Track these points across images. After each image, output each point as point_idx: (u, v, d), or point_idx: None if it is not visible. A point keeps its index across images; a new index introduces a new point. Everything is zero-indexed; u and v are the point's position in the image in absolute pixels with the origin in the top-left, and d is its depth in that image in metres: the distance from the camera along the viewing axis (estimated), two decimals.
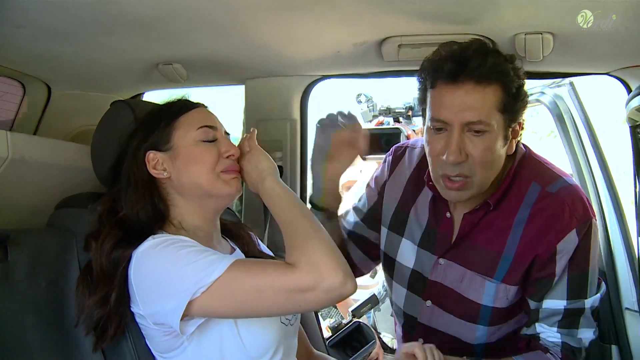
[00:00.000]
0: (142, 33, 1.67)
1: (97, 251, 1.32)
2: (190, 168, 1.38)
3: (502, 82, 1.38)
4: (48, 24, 1.54)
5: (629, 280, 2.15)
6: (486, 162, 1.41)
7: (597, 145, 2.34)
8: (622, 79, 1.85)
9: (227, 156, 1.40)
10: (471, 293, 1.54)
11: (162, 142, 1.40)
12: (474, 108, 1.37)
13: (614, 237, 2.25)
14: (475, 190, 1.46)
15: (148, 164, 1.39)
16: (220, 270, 1.19)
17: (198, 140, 1.39)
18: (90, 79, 2.18)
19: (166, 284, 1.23)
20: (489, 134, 1.39)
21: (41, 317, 1.39)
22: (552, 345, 1.47)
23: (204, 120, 1.42)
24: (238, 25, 1.65)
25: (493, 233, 1.51)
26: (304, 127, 2.34)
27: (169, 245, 1.26)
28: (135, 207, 1.36)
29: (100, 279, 1.31)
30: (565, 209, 1.44)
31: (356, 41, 1.78)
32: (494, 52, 1.42)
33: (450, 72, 1.38)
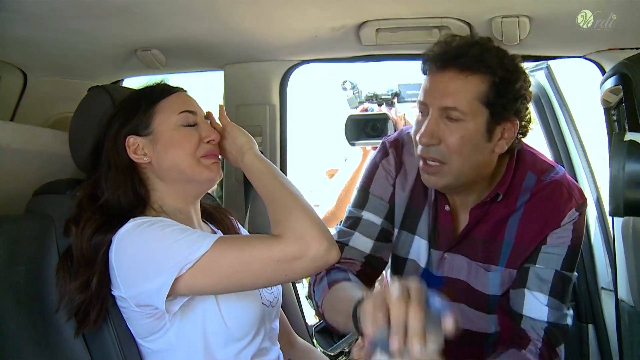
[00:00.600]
0: (120, 17, 1.66)
1: (78, 236, 1.32)
2: (171, 152, 1.39)
3: (485, 74, 1.38)
4: (22, 7, 1.52)
5: (604, 260, 2.18)
6: (460, 151, 1.40)
7: (574, 128, 2.36)
8: (597, 62, 1.87)
9: (208, 141, 1.41)
10: (477, 284, 1.55)
11: (142, 127, 1.40)
12: (453, 94, 1.38)
13: (590, 219, 2.28)
14: (452, 179, 1.45)
15: (128, 148, 1.39)
16: (206, 246, 1.20)
17: (179, 124, 1.40)
18: (67, 66, 2.15)
19: (150, 263, 1.24)
20: (465, 123, 1.39)
21: (20, 304, 1.38)
22: (533, 329, 1.42)
23: (185, 105, 1.42)
24: (217, 10, 1.65)
25: (494, 223, 1.52)
26: (284, 112, 2.33)
27: (151, 225, 1.27)
28: (116, 192, 1.36)
29: (81, 264, 1.31)
30: (564, 190, 1.47)
31: (334, 25, 1.78)
32: (483, 43, 1.42)
33: (437, 59, 1.41)
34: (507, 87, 1.39)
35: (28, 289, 1.40)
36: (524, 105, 1.43)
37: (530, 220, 1.48)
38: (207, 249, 1.20)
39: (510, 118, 1.42)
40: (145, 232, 1.26)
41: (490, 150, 1.44)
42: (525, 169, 1.52)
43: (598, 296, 2.21)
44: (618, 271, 1.59)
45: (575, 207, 1.46)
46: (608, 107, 1.59)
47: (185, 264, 1.19)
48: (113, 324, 1.39)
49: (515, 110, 1.42)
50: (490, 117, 1.40)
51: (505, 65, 1.39)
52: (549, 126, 2.39)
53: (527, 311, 1.43)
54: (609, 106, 1.58)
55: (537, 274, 1.45)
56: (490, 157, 1.47)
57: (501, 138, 1.43)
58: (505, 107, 1.40)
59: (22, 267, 1.41)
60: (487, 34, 1.67)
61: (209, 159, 1.41)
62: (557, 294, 1.43)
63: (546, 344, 1.39)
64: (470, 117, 1.38)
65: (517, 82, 1.40)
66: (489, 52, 1.40)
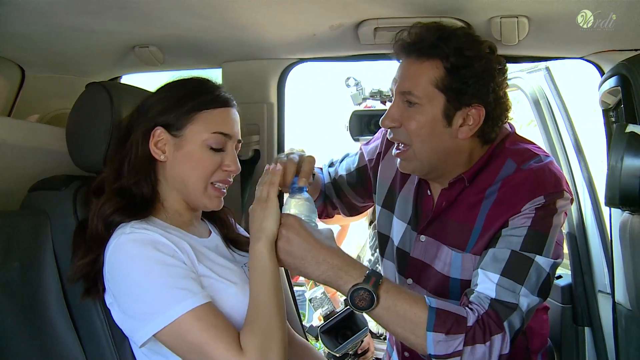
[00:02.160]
0: (118, 14, 1.66)
1: (96, 212, 1.33)
2: (186, 167, 1.37)
3: (439, 59, 1.43)
4: (21, 3, 1.52)
5: (602, 263, 2.18)
6: (419, 134, 1.47)
7: (573, 131, 2.36)
8: (596, 63, 1.87)
9: (225, 170, 1.39)
10: (441, 265, 1.56)
11: (175, 127, 1.37)
12: (409, 79, 1.47)
13: (588, 222, 2.28)
14: (418, 163, 1.52)
15: (152, 137, 1.37)
16: (181, 310, 1.18)
17: (206, 144, 1.36)
18: (65, 62, 2.15)
19: (132, 303, 1.23)
20: (421, 107, 1.46)
21: (14, 300, 1.38)
22: (478, 301, 1.37)
23: (222, 126, 1.38)
24: (215, 7, 1.64)
25: (466, 208, 1.54)
26: (281, 111, 2.33)
27: (143, 252, 1.24)
28: (134, 178, 1.36)
29: (94, 240, 1.31)
30: (534, 179, 1.45)
31: (332, 24, 1.77)
32: (442, 29, 1.47)
33: (400, 48, 1.50)
34: (462, 72, 1.43)
35: (23, 285, 1.40)
36: (486, 90, 1.45)
37: (498, 207, 1.48)
38: (181, 314, 1.17)
39: (473, 104, 1.45)
40: (133, 266, 1.23)
41: (451, 136, 1.48)
42: (505, 157, 1.53)
43: (595, 299, 2.21)
44: (615, 274, 1.59)
45: (544, 194, 1.42)
46: (607, 109, 1.59)
47: (157, 326, 1.18)
48: (107, 322, 1.39)
49: (475, 95, 1.44)
50: (447, 102, 1.45)
51: (462, 50, 1.43)
52: (548, 128, 2.39)
53: (477, 287, 1.41)
54: (607, 107, 1.58)
55: (493, 255, 1.43)
56: (456, 143, 1.49)
57: (463, 124, 1.47)
58: (461, 92, 1.44)
59: (16, 263, 1.41)
60: (486, 34, 1.68)
61: (215, 192, 1.39)
62: (511, 274, 1.38)
63: (488, 314, 1.34)
64: (426, 101, 1.45)
65: (474, 67, 1.43)
66: (446, 38, 1.44)
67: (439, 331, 1.30)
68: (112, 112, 1.48)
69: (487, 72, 1.45)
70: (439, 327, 1.30)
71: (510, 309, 1.35)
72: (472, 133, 1.48)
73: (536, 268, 1.40)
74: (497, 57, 1.49)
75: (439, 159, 1.51)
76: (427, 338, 1.30)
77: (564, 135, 2.37)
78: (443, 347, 1.29)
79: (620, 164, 1.23)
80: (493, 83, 1.46)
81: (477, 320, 1.32)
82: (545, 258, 1.41)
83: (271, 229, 1.29)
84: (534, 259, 1.40)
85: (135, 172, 1.37)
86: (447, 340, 1.29)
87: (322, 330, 2.10)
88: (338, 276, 1.31)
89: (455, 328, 1.30)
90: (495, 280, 1.38)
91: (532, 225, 1.42)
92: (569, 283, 2.29)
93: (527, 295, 1.38)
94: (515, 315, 1.36)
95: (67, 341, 1.40)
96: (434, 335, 1.29)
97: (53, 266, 1.47)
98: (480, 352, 1.30)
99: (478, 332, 1.31)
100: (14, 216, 1.51)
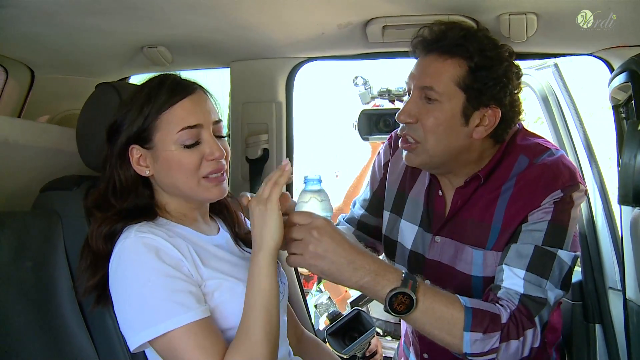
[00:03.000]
0: (126, 14, 1.66)
1: (94, 231, 1.30)
2: (171, 173, 1.32)
3: (463, 58, 1.45)
4: (29, 4, 1.53)
5: (612, 260, 2.17)
6: (435, 131, 1.47)
7: (582, 128, 2.35)
8: (605, 60, 1.86)
9: (211, 159, 1.32)
10: (462, 265, 1.56)
11: (145, 139, 1.32)
12: (431, 75, 1.47)
13: (598, 218, 2.27)
14: (426, 158, 1.51)
15: (131, 158, 1.33)
16: (173, 324, 1.16)
17: (178, 144, 1.30)
18: (74, 63, 2.16)
19: (128, 309, 1.22)
20: (440, 104, 1.46)
21: (27, 299, 1.39)
22: (508, 297, 1.38)
23: (185, 120, 1.30)
24: (223, 7, 1.64)
25: (482, 205, 1.54)
26: (290, 110, 2.33)
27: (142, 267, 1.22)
28: (123, 204, 1.33)
29: (99, 258, 1.29)
30: (551, 172, 1.47)
31: (341, 22, 1.77)
32: (466, 29, 1.50)
33: (421, 44, 1.51)
34: (484, 73, 1.44)
35: (35, 285, 1.41)
36: (504, 93, 1.47)
37: (516, 203, 1.49)
38: (174, 327, 1.16)
39: (490, 105, 1.46)
40: (133, 272, 1.22)
41: (466, 135, 1.49)
42: (517, 153, 1.54)
43: (606, 296, 2.19)
44: (626, 270, 1.58)
45: (561, 187, 1.44)
46: (617, 105, 1.58)
47: (150, 334, 1.17)
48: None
49: (494, 97, 1.46)
50: (466, 101, 1.46)
51: (485, 52, 1.45)
52: (557, 125, 2.38)
53: (504, 283, 1.41)
54: (617, 103, 1.57)
55: (517, 250, 1.44)
56: (469, 142, 1.50)
57: (480, 124, 1.48)
58: (482, 93, 1.45)
59: (29, 263, 1.42)
60: (494, 31, 1.68)
61: (211, 182, 1.33)
62: (536, 269, 1.40)
63: (519, 310, 1.35)
64: (446, 99, 1.45)
65: (495, 69, 1.45)
66: (470, 37, 1.46)
67: (477, 331, 1.30)
68: None
69: (506, 75, 1.47)
70: (476, 326, 1.30)
71: (539, 304, 1.37)
72: (487, 133, 1.49)
73: (559, 262, 1.41)
74: (514, 62, 1.51)
75: (450, 157, 1.52)
76: (464, 338, 1.30)
77: (573, 133, 2.36)
78: (480, 346, 1.30)
79: (633, 162, 1.22)
80: (511, 86, 1.48)
81: (510, 316, 1.33)
82: (566, 252, 1.43)
83: (270, 240, 1.22)
84: (557, 253, 1.42)
85: (126, 193, 1.34)
86: (484, 339, 1.30)
87: (329, 332, 2.09)
88: (376, 282, 1.28)
89: (491, 327, 1.31)
90: (521, 275, 1.39)
91: (552, 219, 1.43)
92: (579, 280, 2.27)
93: (552, 289, 1.40)
94: (545, 310, 1.37)
95: (80, 340, 1.41)
96: (472, 335, 1.30)
97: (65, 266, 1.48)
98: (514, 347, 1.32)
99: (512, 328, 1.32)
100: (26, 216, 1.52)
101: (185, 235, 1.34)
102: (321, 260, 1.26)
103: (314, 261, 1.26)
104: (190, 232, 1.37)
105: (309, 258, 1.25)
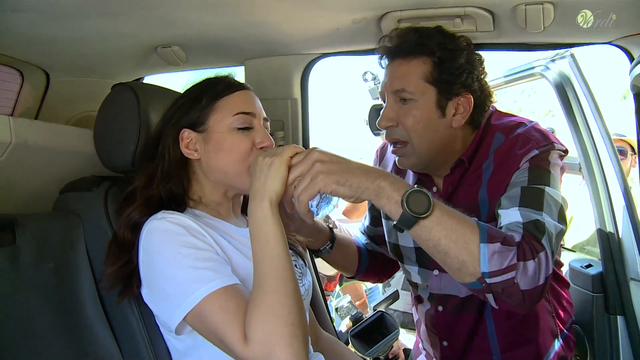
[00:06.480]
0: (140, 15, 1.66)
1: (123, 221, 1.35)
2: (221, 155, 1.38)
3: (426, 55, 1.55)
4: (43, 7, 1.53)
5: (634, 251, 2.14)
6: (417, 129, 1.56)
7: (601, 118, 2.32)
8: (624, 48, 1.83)
9: (261, 147, 1.38)
10: None
11: (199, 123, 1.40)
12: (399, 78, 1.58)
13: (618, 209, 2.25)
14: (417, 157, 1.60)
15: (181, 141, 1.40)
16: (205, 291, 1.16)
17: (233, 127, 1.38)
18: (88, 65, 2.16)
19: (163, 286, 1.23)
20: (415, 102, 1.56)
21: (50, 300, 1.39)
22: (511, 229, 1.37)
23: (242, 106, 1.40)
24: (236, 4, 1.64)
25: (470, 186, 1.62)
26: (305, 106, 2.33)
27: (173, 237, 1.24)
28: (168, 185, 1.38)
29: (123, 248, 1.33)
30: (523, 139, 1.55)
31: (355, 17, 1.76)
32: (421, 29, 1.60)
33: (385, 52, 1.63)
34: (448, 65, 1.55)
35: (57, 286, 1.42)
36: (472, 79, 1.58)
37: (498, 175, 1.56)
38: (203, 296, 1.15)
39: (462, 93, 1.57)
40: (162, 245, 1.23)
41: (446, 126, 1.59)
42: (493, 132, 1.63)
43: (627, 287, 2.17)
44: None
45: (535, 147, 1.51)
46: (638, 92, 1.57)
47: (187, 307, 1.17)
48: (142, 320, 1.40)
49: (463, 84, 1.57)
50: (438, 94, 1.56)
51: (444, 45, 1.56)
52: (574, 116, 2.35)
53: (502, 223, 1.41)
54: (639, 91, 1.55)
55: (506, 196, 1.48)
56: (451, 132, 1.60)
57: (456, 113, 1.59)
58: (450, 83, 1.56)
59: (51, 264, 1.42)
60: (511, 22, 1.70)
61: None
62: (529, 203, 1.41)
63: (526, 235, 1.33)
64: (419, 96, 1.55)
65: (458, 59, 1.56)
66: (427, 35, 1.57)
67: (494, 242, 1.27)
68: (139, 112, 1.49)
69: (469, 62, 1.58)
70: (492, 238, 1.27)
71: (541, 230, 1.35)
72: (465, 121, 1.58)
73: (549, 197, 1.44)
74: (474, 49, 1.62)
75: (437, 151, 1.59)
76: (482, 251, 1.26)
77: (591, 123, 2.33)
78: (498, 260, 1.26)
79: None
80: (476, 72, 1.59)
81: (522, 238, 1.32)
82: (554, 189, 1.46)
83: (276, 190, 1.20)
84: (544, 189, 1.45)
85: (168, 177, 1.39)
86: (502, 252, 1.26)
87: (353, 333, 2.09)
88: (391, 182, 1.25)
89: (507, 240, 1.29)
90: (517, 210, 1.41)
91: (532, 167, 1.50)
92: (599, 271, 2.25)
93: (550, 220, 1.39)
94: (547, 237, 1.35)
95: (104, 340, 1.41)
96: (489, 247, 1.26)
97: (87, 266, 1.48)
98: (531, 268, 1.29)
99: (526, 248, 1.30)
100: (47, 218, 1.53)
101: (217, 226, 1.37)
102: (332, 173, 1.22)
103: (326, 177, 1.21)
104: (222, 224, 1.40)
105: (321, 176, 1.21)
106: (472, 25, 1.72)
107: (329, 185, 1.22)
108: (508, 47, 1.95)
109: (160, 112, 1.49)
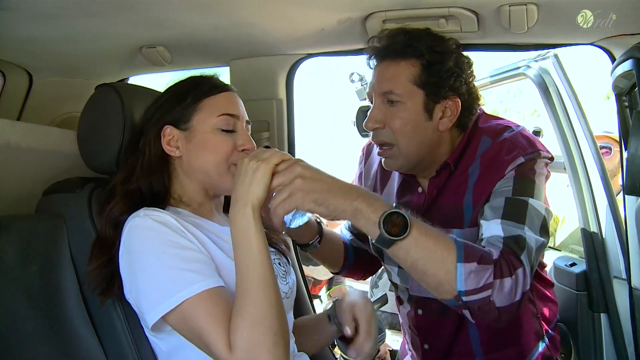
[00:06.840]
0: (124, 15, 1.66)
1: (104, 218, 1.35)
2: (203, 155, 1.38)
3: (414, 58, 1.55)
4: (26, 7, 1.52)
5: (617, 250, 2.17)
6: (404, 131, 1.55)
7: (584, 117, 2.34)
8: (606, 49, 1.85)
9: (242, 150, 1.39)
10: None
11: (182, 121, 1.40)
12: (387, 79, 1.57)
13: (601, 208, 2.27)
14: (404, 159, 1.59)
15: (163, 138, 1.40)
16: (189, 292, 1.16)
17: (216, 128, 1.38)
18: (72, 65, 2.15)
19: (145, 284, 1.22)
20: (403, 104, 1.55)
21: (34, 303, 1.38)
22: (491, 243, 1.37)
23: (227, 108, 1.41)
24: (221, 5, 1.64)
25: (455, 190, 1.61)
26: (290, 107, 2.33)
27: (155, 234, 1.23)
28: (147, 180, 1.38)
29: (105, 244, 1.33)
30: (509, 145, 1.54)
31: (340, 17, 1.76)
32: (411, 31, 1.58)
33: (374, 53, 1.62)
34: (437, 68, 1.54)
35: (41, 289, 1.40)
36: (460, 82, 1.57)
37: (483, 179, 1.55)
38: (188, 297, 1.15)
39: (449, 96, 1.56)
40: (146, 244, 1.23)
41: (433, 129, 1.58)
42: (480, 135, 1.62)
43: (610, 285, 2.19)
44: (631, 259, 1.58)
45: (522, 155, 1.50)
46: (620, 93, 1.58)
47: (167, 306, 1.17)
48: (127, 322, 1.39)
49: (451, 88, 1.56)
50: (426, 97, 1.55)
51: (433, 47, 1.55)
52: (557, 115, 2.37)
53: (484, 235, 1.42)
54: (620, 92, 1.57)
55: (489, 206, 1.48)
56: (438, 135, 1.59)
57: (443, 116, 1.58)
58: (439, 86, 1.55)
59: (34, 266, 1.41)
60: (495, 23, 1.71)
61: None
62: (511, 216, 1.41)
63: (506, 251, 1.33)
64: (407, 98, 1.55)
65: (446, 62, 1.55)
66: (417, 38, 1.56)
67: (470, 261, 1.27)
68: (123, 112, 1.48)
69: (457, 65, 1.57)
70: (469, 257, 1.27)
71: (521, 246, 1.36)
72: (452, 124, 1.58)
73: (532, 209, 1.44)
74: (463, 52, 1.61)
75: (424, 153, 1.59)
76: (458, 271, 1.26)
77: (574, 123, 2.36)
78: (474, 279, 1.26)
79: None
80: (465, 75, 1.58)
81: (500, 255, 1.32)
82: (538, 201, 1.46)
83: (259, 197, 1.19)
84: (528, 201, 1.44)
85: (148, 173, 1.39)
86: (479, 271, 1.26)
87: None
88: (369, 203, 1.24)
89: (484, 259, 1.29)
90: (498, 223, 1.41)
91: (517, 176, 1.49)
92: (583, 270, 2.28)
93: (531, 234, 1.40)
94: (527, 253, 1.35)
95: (88, 343, 1.40)
96: (465, 267, 1.26)
97: (71, 268, 1.47)
98: (508, 285, 1.29)
99: (504, 265, 1.30)
100: (30, 220, 1.51)
101: (201, 224, 1.37)
102: (312, 192, 1.21)
103: (305, 195, 1.20)
104: (206, 222, 1.40)
105: (299, 193, 1.20)
106: (457, 26, 1.72)
107: (306, 204, 1.22)
108: (493, 48, 1.96)
109: None
